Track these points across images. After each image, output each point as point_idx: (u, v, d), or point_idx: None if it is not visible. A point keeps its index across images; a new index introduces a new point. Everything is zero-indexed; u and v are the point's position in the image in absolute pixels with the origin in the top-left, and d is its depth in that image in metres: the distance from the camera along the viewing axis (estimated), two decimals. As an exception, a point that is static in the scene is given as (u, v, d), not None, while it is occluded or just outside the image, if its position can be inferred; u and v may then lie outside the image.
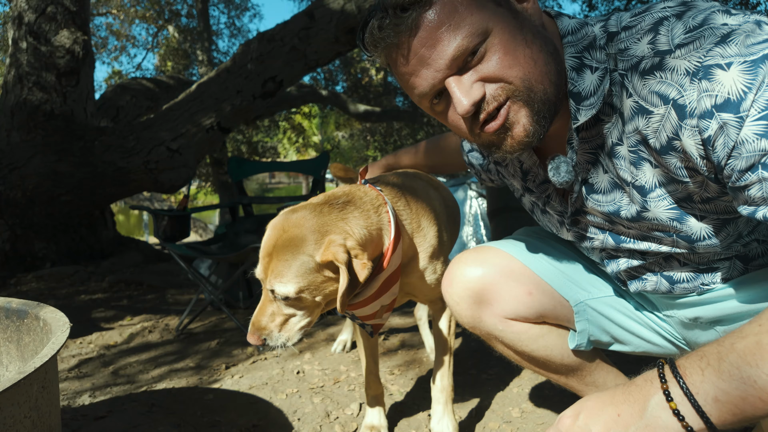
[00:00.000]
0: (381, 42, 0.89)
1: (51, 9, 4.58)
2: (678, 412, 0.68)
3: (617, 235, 1.06)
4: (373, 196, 1.27)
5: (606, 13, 0.96)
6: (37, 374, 0.98)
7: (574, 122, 0.93)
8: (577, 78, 0.91)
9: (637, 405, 0.72)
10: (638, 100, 0.85)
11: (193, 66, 12.73)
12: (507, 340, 1.22)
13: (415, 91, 0.93)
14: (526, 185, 1.19)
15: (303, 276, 1.13)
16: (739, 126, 0.72)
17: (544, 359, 1.23)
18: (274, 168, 3.96)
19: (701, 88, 0.75)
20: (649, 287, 1.10)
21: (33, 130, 4.58)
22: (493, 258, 1.21)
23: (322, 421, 1.74)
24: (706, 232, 0.92)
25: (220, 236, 3.43)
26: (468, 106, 0.86)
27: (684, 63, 0.77)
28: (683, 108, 0.77)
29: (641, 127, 0.86)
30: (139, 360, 2.42)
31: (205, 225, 15.69)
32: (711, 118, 0.74)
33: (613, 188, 0.99)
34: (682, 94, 0.77)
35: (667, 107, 0.80)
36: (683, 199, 0.90)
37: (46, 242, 4.60)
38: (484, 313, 1.19)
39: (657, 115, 0.82)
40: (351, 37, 5.06)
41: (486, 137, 0.92)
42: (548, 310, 1.20)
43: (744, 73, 0.72)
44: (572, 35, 0.93)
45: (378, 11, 0.89)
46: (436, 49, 0.86)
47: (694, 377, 0.69)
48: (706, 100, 0.74)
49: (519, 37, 0.87)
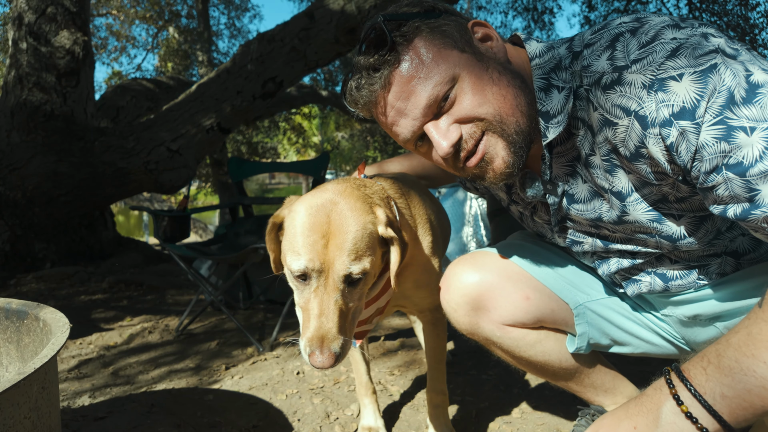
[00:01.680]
0: (360, 100, 0.99)
1: (51, 10, 4.58)
2: (690, 415, 0.69)
3: (604, 239, 1.09)
4: (379, 188, 1.21)
5: (569, 37, 1.02)
6: (36, 375, 0.98)
7: (544, 139, 0.98)
8: (545, 98, 0.97)
9: (651, 414, 0.73)
10: (603, 113, 0.90)
11: (193, 67, 12.74)
12: (505, 346, 1.22)
13: (398, 138, 1.01)
14: (512, 198, 1.24)
15: (373, 248, 1.00)
16: (697, 132, 0.77)
17: (542, 364, 1.23)
18: (274, 168, 3.96)
19: (658, 99, 0.80)
20: (644, 288, 1.11)
21: (33, 130, 4.57)
22: (490, 263, 1.21)
23: (322, 422, 1.74)
24: (685, 231, 0.96)
25: (220, 237, 3.43)
26: (447, 147, 0.94)
27: (640, 77, 0.82)
28: (645, 118, 0.82)
29: (610, 137, 0.91)
30: (139, 361, 2.42)
31: (205, 225, 15.69)
32: (671, 126, 0.79)
33: (593, 196, 1.03)
34: (642, 106, 0.82)
35: (630, 118, 0.84)
36: (659, 201, 0.94)
37: (46, 243, 4.60)
38: (481, 319, 1.19)
39: (622, 126, 0.87)
40: (351, 38, 5.06)
41: (469, 171, 0.99)
42: (546, 314, 1.20)
43: (695, 83, 0.77)
44: (540, 58, 0.99)
45: (354, 72, 0.99)
46: (410, 101, 0.94)
47: (699, 378, 0.70)
48: (664, 109, 0.79)
49: (485, 77, 0.93)
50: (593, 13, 8.97)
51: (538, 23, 10.43)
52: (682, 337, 1.17)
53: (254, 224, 3.45)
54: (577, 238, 1.14)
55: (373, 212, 1.04)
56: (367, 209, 1.04)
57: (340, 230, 0.98)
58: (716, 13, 8.06)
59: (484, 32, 1.00)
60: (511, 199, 1.25)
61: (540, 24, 10.45)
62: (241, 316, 3.08)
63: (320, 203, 1.02)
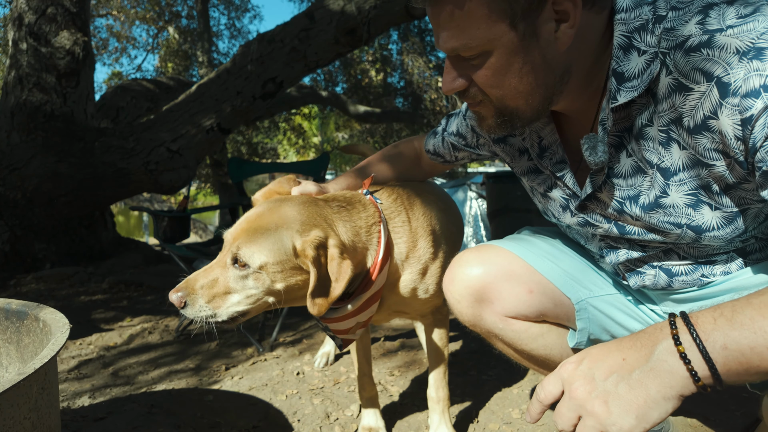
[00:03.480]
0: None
1: (51, 10, 4.58)
2: (685, 356, 0.66)
3: (622, 226, 1.06)
4: (370, 212, 1.25)
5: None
6: (36, 375, 0.98)
7: (613, 102, 0.91)
8: (623, 58, 0.90)
9: (644, 350, 0.70)
10: (678, 77, 0.83)
11: (193, 67, 12.73)
12: (507, 339, 1.22)
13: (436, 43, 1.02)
14: (537, 163, 1.17)
15: (276, 252, 1.08)
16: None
17: (543, 358, 1.24)
18: (274, 169, 3.96)
19: (751, 67, 0.73)
20: (647, 281, 1.11)
21: (33, 131, 4.57)
22: (494, 256, 1.21)
23: (321, 423, 1.74)
24: (717, 223, 0.93)
25: (220, 237, 3.43)
26: (446, 90, 0.98)
27: (735, 41, 0.76)
28: (727, 86, 0.76)
29: (677, 105, 0.85)
30: (139, 361, 2.41)
31: (205, 226, 15.69)
32: (757, 98, 0.73)
33: (635, 173, 0.98)
34: (728, 72, 0.75)
35: (709, 84, 0.78)
36: (703, 187, 0.90)
37: (46, 243, 4.60)
38: (484, 311, 1.20)
39: (697, 93, 0.81)
40: (351, 38, 5.07)
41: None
42: (549, 308, 1.20)
43: None
44: (626, 13, 0.90)
45: None
46: (442, 34, 0.92)
47: (705, 325, 0.67)
48: (755, 79, 0.73)
49: (515, 66, 0.91)
50: None
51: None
52: None
53: (254, 225, 3.45)
54: (594, 220, 1.10)
55: (306, 229, 1.11)
56: (299, 225, 1.11)
57: (258, 222, 1.11)
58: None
59: (565, 7, 0.86)
60: (531, 167, 1.20)
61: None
62: (241, 317, 3.08)
63: (273, 203, 1.16)
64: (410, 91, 11.44)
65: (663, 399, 0.67)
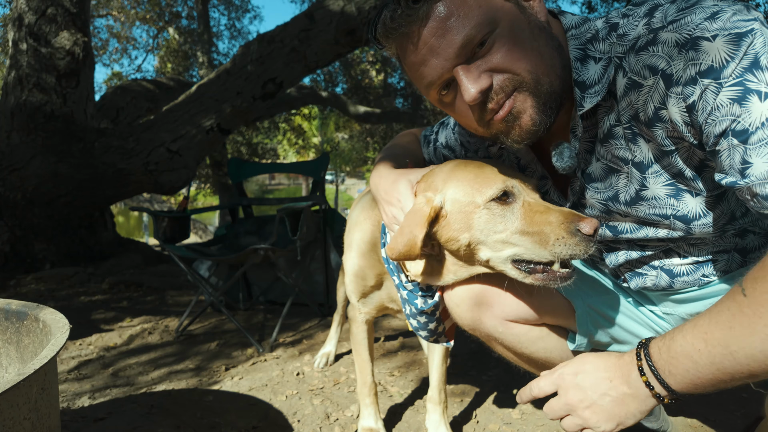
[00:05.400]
0: (393, 32, 0.94)
1: (51, 11, 4.58)
2: (648, 383, 0.84)
3: (614, 226, 1.08)
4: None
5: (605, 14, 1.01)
6: (36, 376, 0.98)
7: (580, 109, 0.95)
8: (582, 68, 0.95)
9: (624, 377, 0.87)
10: (632, 76, 0.88)
11: (193, 67, 12.73)
12: (507, 342, 1.22)
13: (424, 81, 0.96)
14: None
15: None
16: (717, 91, 0.76)
17: (543, 361, 1.23)
18: (274, 169, 3.96)
19: (688, 58, 0.79)
20: (649, 282, 1.11)
21: (33, 131, 4.58)
22: None
23: (321, 423, 1.73)
24: (701, 210, 0.95)
25: (220, 237, 3.43)
26: (475, 93, 0.89)
27: (675, 35, 0.81)
28: (670, 77, 0.81)
29: (633, 101, 0.90)
30: (139, 361, 2.41)
31: (205, 226, 15.70)
32: (695, 85, 0.78)
33: (608, 174, 1.02)
34: (671, 65, 0.81)
35: (656, 77, 0.84)
36: (677, 175, 0.93)
37: (46, 244, 4.60)
38: (484, 315, 1.19)
39: (646, 87, 0.86)
40: (351, 39, 5.07)
41: (495, 126, 0.96)
42: (549, 310, 1.20)
43: (728, 44, 0.76)
44: (576, 29, 0.97)
45: (391, 3, 0.94)
46: (445, 39, 0.90)
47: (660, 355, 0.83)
48: (691, 68, 0.79)
49: (526, 31, 0.91)
50: (593, 14, 8.99)
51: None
52: None
53: (254, 225, 3.45)
54: None
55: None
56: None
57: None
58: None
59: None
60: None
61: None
62: (241, 317, 3.08)
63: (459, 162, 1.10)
64: (410, 91, 11.43)
65: (639, 413, 0.87)
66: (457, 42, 0.89)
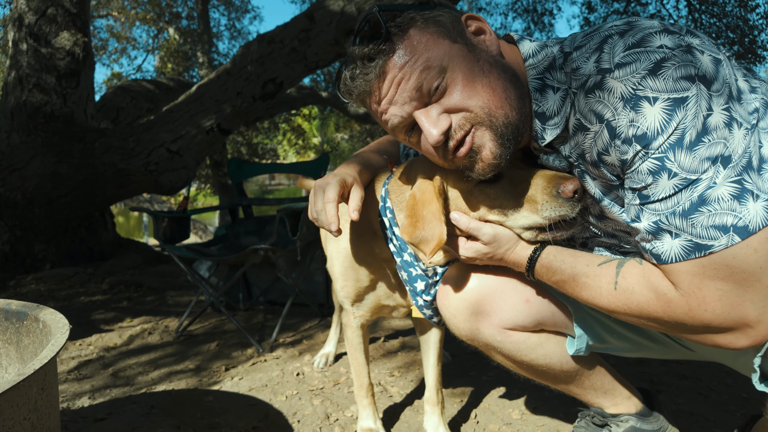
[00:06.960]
0: (354, 90, 1.01)
1: (51, 11, 4.58)
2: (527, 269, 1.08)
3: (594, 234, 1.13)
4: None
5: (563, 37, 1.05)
6: (36, 376, 0.98)
7: (542, 141, 1.01)
8: (541, 98, 0.99)
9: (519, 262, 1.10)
10: (580, 118, 0.93)
11: (193, 68, 12.73)
12: (506, 351, 1.21)
13: (388, 126, 1.03)
14: None
15: None
16: (644, 159, 0.85)
17: (544, 367, 1.23)
18: (273, 170, 3.96)
19: (630, 117, 0.85)
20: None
21: (33, 131, 4.57)
22: (488, 268, 1.20)
23: (321, 423, 1.73)
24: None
25: (220, 238, 3.43)
26: (438, 135, 0.96)
27: (621, 86, 0.85)
28: (614, 130, 0.88)
29: (580, 142, 0.96)
30: (139, 362, 2.41)
31: (205, 227, 15.69)
32: (630, 146, 0.86)
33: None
34: (615, 117, 0.87)
35: (601, 125, 0.89)
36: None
37: (46, 244, 4.60)
38: (482, 324, 1.18)
39: (592, 132, 0.92)
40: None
41: (459, 161, 1.01)
42: (546, 317, 1.20)
43: (664, 111, 0.82)
44: (533, 57, 1.01)
45: (349, 62, 1.01)
46: (401, 87, 0.96)
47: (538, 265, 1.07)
48: (630, 129, 0.85)
49: (476, 69, 0.96)
50: (593, 14, 8.96)
51: (538, 25, 10.43)
52: (678, 337, 1.17)
53: (254, 225, 3.45)
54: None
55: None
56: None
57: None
58: (715, 14, 8.05)
59: (477, 26, 1.02)
60: None
61: (540, 26, 10.44)
62: (241, 317, 3.08)
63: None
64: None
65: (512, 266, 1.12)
66: (413, 89, 0.95)
